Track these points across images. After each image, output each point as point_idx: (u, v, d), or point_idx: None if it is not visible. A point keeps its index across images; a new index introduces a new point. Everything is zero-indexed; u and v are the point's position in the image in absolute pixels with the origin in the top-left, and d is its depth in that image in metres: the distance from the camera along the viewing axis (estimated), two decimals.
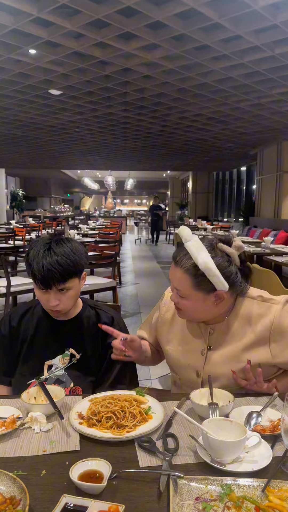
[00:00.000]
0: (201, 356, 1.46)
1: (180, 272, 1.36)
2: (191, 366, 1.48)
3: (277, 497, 0.88)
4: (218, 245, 1.36)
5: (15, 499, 0.87)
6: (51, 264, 1.43)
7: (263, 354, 1.40)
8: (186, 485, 0.92)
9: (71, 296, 1.52)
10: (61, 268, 1.44)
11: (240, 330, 1.43)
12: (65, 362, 1.56)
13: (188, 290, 1.36)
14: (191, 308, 1.39)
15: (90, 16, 4.06)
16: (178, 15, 4.11)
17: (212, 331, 1.46)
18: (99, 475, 0.95)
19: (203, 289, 1.34)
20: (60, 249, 1.47)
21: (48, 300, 1.49)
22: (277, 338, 1.39)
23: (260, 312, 1.42)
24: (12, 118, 8.45)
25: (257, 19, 4.15)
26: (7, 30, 4.40)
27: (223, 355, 1.43)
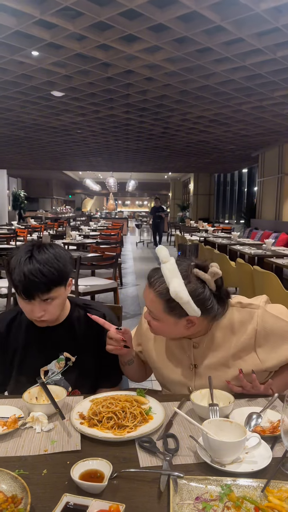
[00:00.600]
0: (190, 371, 1.45)
1: (153, 294, 1.34)
2: (181, 382, 1.47)
3: (277, 498, 0.89)
4: (194, 270, 1.32)
5: (16, 498, 0.88)
6: (33, 273, 1.34)
7: (252, 361, 1.39)
8: (186, 485, 0.93)
9: (56, 305, 1.44)
10: (45, 278, 1.35)
11: (224, 340, 1.41)
12: (60, 367, 1.52)
13: (159, 313, 1.34)
14: (161, 329, 1.39)
15: (93, 18, 4.08)
16: (181, 18, 4.12)
17: (197, 344, 1.43)
18: (100, 474, 0.96)
19: (175, 314, 1.32)
20: (42, 256, 1.37)
21: (32, 310, 1.41)
22: (262, 343, 1.39)
23: (242, 320, 1.41)
24: (15, 119, 8.47)
25: (259, 22, 4.16)
26: (10, 32, 4.42)
27: (211, 368, 1.42)
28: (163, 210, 16.10)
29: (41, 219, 18.73)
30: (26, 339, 1.56)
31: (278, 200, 11.16)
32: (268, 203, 11.92)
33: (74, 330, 1.57)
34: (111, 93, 6.58)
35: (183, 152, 13.03)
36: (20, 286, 1.36)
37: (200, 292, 1.30)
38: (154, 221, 15.82)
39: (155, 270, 1.37)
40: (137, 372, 1.63)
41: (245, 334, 1.39)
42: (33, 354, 1.54)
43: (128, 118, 8.28)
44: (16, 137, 10.56)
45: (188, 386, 1.45)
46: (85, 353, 1.55)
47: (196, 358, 1.44)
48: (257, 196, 13.28)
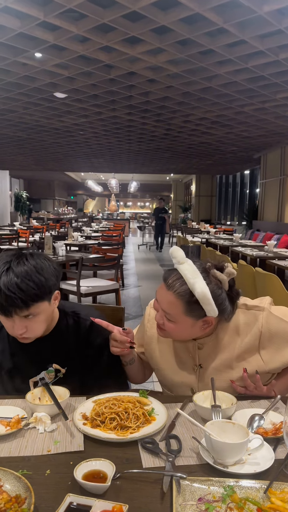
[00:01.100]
0: (193, 373, 1.45)
1: (172, 296, 1.31)
2: (185, 383, 1.47)
3: (279, 499, 0.89)
4: (212, 271, 1.33)
5: (20, 498, 0.89)
6: (9, 288, 1.23)
7: (256, 362, 1.40)
8: (189, 486, 0.94)
9: (39, 322, 1.34)
10: (22, 293, 1.24)
11: (229, 341, 1.42)
12: (50, 378, 1.41)
13: (178, 315, 1.32)
14: (176, 331, 1.37)
15: (96, 21, 4.09)
16: (183, 20, 4.13)
17: (202, 346, 1.44)
18: (103, 475, 0.96)
19: (194, 315, 1.32)
20: (21, 269, 1.26)
21: (12, 327, 1.31)
22: (266, 344, 1.40)
23: (247, 321, 1.42)
24: (17, 120, 8.49)
25: (262, 24, 4.17)
26: (13, 34, 4.44)
27: (216, 369, 1.42)
28: (166, 212, 15.62)
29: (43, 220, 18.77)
30: (11, 352, 1.49)
31: (280, 201, 11.16)
32: (270, 205, 11.92)
33: (63, 340, 1.50)
34: (114, 95, 6.59)
35: (185, 154, 13.04)
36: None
37: (218, 293, 1.31)
38: (156, 222, 15.27)
39: (172, 271, 1.35)
40: (137, 372, 1.62)
41: (250, 336, 1.40)
42: (20, 366, 1.49)
43: (131, 120, 8.29)
44: (18, 138, 10.58)
45: (192, 387, 1.45)
46: (75, 365, 1.48)
47: (200, 359, 1.44)
48: (259, 197, 13.28)
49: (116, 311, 1.93)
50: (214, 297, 1.29)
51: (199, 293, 1.27)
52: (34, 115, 8.04)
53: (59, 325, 1.50)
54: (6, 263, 1.28)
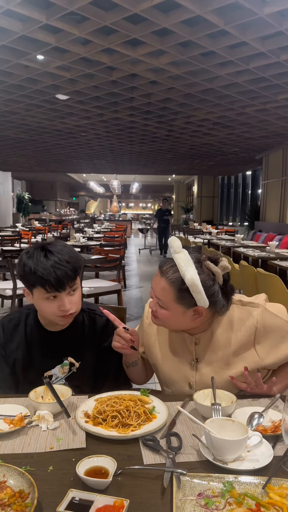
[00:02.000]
0: (191, 368, 1.47)
1: (164, 283, 1.35)
2: (182, 378, 1.48)
3: (277, 494, 0.91)
4: (205, 262, 1.36)
5: (24, 493, 0.90)
6: (59, 263, 1.38)
7: (251, 358, 1.42)
8: (189, 481, 0.95)
9: (79, 296, 1.48)
10: (69, 264, 1.40)
11: (224, 336, 1.44)
12: (64, 372, 1.52)
13: (169, 302, 1.36)
14: (168, 318, 1.39)
15: (97, 23, 4.12)
16: (185, 22, 4.15)
17: (198, 341, 1.46)
18: (105, 471, 0.98)
19: (185, 303, 1.34)
20: (57, 248, 1.42)
21: (60, 305, 1.42)
22: (261, 340, 1.42)
23: (241, 317, 1.44)
24: (20, 122, 8.53)
25: (263, 26, 4.19)
26: (16, 37, 4.47)
27: (213, 364, 1.44)
28: (170, 214, 14.22)
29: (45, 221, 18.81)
30: (28, 348, 1.55)
31: (282, 202, 11.16)
32: (272, 206, 11.92)
33: (78, 335, 1.57)
34: (116, 97, 6.62)
35: (187, 155, 13.06)
36: (51, 279, 1.37)
37: (210, 284, 1.33)
38: (159, 225, 13.88)
39: (167, 259, 1.39)
40: (139, 374, 1.64)
41: (245, 331, 1.42)
42: (36, 361, 1.55)
43: (132, 121, 8.32)
44: (21, 140, 10.62)
45: (189, 381, 1.47)
46: (89, 359, 1.56)
47: (197, 353, 1.46)
48: (261, 198, 13.28)
49: (118, 312, 1.95)
50: (205, 287, 1.31)
51: (188, 280, 1.29)
52: (36, 117, 8.08)
53: (75, 320, 1.55)
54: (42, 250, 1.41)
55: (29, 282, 1.42)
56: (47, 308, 1.44)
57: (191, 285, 1.30)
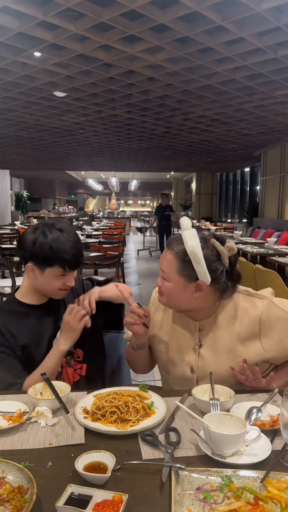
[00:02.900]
0: (194, 353, 1.49)
1: (170, 254, 1.41)
2: (185, 362, 1.50)
3: (276, 488, 0.91)
4: (211, 240, 1.40)
5: (23, 488, 0.91)
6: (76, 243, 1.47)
7: (255, 350, 1.43)
8: (188, 476, 0.96)
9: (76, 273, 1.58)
10: (80, 245, 1.49)
11: (228, 324, 1.45)
12: None
13: (172, 273, 1.40)
14: (171, 292, 1.42)
15: (94, 19, 4.10)
16: (182, 18, 4.14)
17: (202, 327, 1.48)
18: (104, 466, 0.98)
19: (187, 275, 1.38)
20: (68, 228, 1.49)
21: (66, 281, 1.50)
22: (267, 333, 1.42)
23: (246, 306, 1.45)
24: (17, 119, 8.50)
25: (260, 22, 4.18)
26: (12, 34, 4.45)
27: (215, 350, 1.46)
28: (171, 210, 12.93)
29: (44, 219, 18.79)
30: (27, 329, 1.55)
31: (280, 199, 11.17)
32: (270, 202, 11.93)
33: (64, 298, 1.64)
34: (113, 93, 6.60)
35: (185, 152, 13.04)
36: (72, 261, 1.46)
37: (213, 260, 1.37)
38: (160, 223, 12.58)
39: (176, 236, 1.45)
40: (145, 360, 1.65)
41: (249, 321, 1.43)
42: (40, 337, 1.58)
43: (130, 118, 8.30)
44: (18, 137, 10.60)
45: (192, 366, 1.48)
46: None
47: (201, 339, 1.48)
48: (259, 195, 13.29)
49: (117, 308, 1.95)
50: (207, 262, 1.35)
51: (189, 248, 1.34)
52: (34, 115, 8.06)
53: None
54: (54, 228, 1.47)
55: (47, 261, 1.46)
56: (53, 285, 1.50)
57: (191, 253, 1.34)
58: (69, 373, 1.61)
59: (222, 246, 1.39)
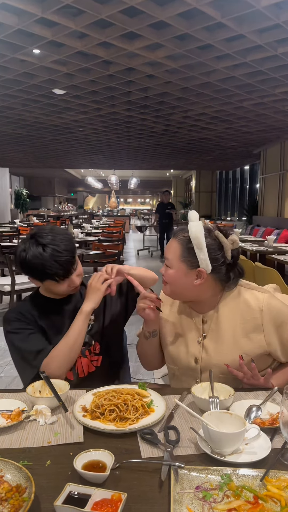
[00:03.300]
0: (198, 345, 1.51)
1: (174, 242, 1.47)
2: (189, 353, 1.52)
3: (275, 486, 0.91)
4: (215, 232, 1.44)
5: (21, 487, 0.90)
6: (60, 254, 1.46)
7: (258, 342, 1.43)
8: (187, 474, 0.95)
9: (80, 266, 1.61)
10: (68, 252, 1.49)
11: (230, 316, 1.47)
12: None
13: (175, 259, 1.44)
14: (173, 278, 1.46)
15: (94, 16, 4.09)
16: (181, 15, 4.12)
17: (205, 319, 1.51)
18: (102, 465, 0.98)
19: (188, 261, 1.42)
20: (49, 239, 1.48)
21: (70, 284, 1.54)
22: (269, 326, 1.43)
23: (248, 299, 1.47)
24: (17, 117, 8.48)
25: (260, 19, 4.16)
26: (11, 31, 4.43)
27: (219, 342, 1.47)
28: (173, 207, 12.21)
29: (43, 217, 18.78)
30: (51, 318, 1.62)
31: (280, 197, 11.16)
32: (270, 200, 11.92)
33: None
34: (113, 91, 6.59)
35: (185, 150, 13.02)
36: (59, 272, 1.48)
37: (215, 249, 1.41)
38: (161, 221, 11.82)
39: (182, 227, 1.50)
40: (157, 351, 1.67)
41: (251, 313, 1.44)
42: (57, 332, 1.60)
43: (130, 116, 8.28)
44: (18, 135, 10.58)
45: (196, 357, 1.50)
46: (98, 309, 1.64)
47: (204, 332, 1.51)
48: (259, 193, 13.27)
49: None
50: (209, 250, 1.39)
51: (192, 233, 1.39)
52: (33, 112, 8.04)
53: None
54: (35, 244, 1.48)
55: (38, 277, 1.52)
56: (58, 290, 1.55)
57: (194, 238, 1.39)
58: (83, 363, 1.63)
59: (225, 238, 1.43)
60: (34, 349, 1.50)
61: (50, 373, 1.40)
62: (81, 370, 1.63)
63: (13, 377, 3.58)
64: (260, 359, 1.45)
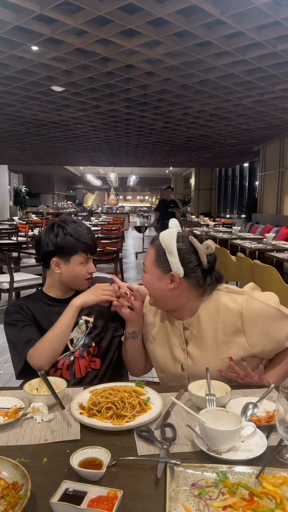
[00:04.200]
0: (182, 351, 1.51)
1: (150, 247, 1.51)
2: (175, 360, 1.52)
3: (271, 484, 0.91)
4: (189, 237, 1.46)
5: (17, 485, 0.90)
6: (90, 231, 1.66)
7: (241, 345, 1.43)
8: (183, 472, 0.95)
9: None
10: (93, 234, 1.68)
11: (210, 321, 1.47)
12: (83, 331, 1.66)
13: (149, 264, 1.48)
14: (149, 283, 1.49)
15: (92, 13, 4.07)
16: (180, 12, 4.11)
17: (187, 326, 1.50)
18: (99, 462, 0.98)
19: (161, 265, 1.44)
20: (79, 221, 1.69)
21: (89, 268, 1.66)
22: (249, 328, 1.42)
23: (227, 302, 1.46)
24: (15, 114, 8.46)
25: (259, 16, 4.15)
26: (10, 27, 4.42)
27: (201, 347, 1.47)
28: (176, 205, 11.06)
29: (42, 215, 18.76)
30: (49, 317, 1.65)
31: (279, 194, 11.15)
32: (269, 197, 11.91)
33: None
34: (111, 88, 6.57)
35: (184, 147, 13.01)
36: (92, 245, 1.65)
37: (187, 253, 1.43)
38: (162, 221, 10.43)
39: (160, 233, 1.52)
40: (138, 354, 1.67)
41: (230, 317, 1.44)
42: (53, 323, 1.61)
43: (129, 113, 8.27)
44: (17, 132, 10.56)
45: (181, 364, 1.51)
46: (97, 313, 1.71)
47: (186, 337, 1.51)
48: (258, 190, 13.27)
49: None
50: (180, 254, 1.41)
51: (161, 237, 1.45)
52: (32, 109, 8.02)
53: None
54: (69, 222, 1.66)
55: (71, 249, 1.62)
56: (80, 272, 1.65)
57: (163, 241, 1.43)
58: (81, 364, 1.63)
59: (198, 242, 1.44)
60: (24, 339, 1.55)
61: (33, 363, 1.47)
62: (78, 371, 1.63)
63: (11, 374, 3.58)
64: (247, 360, 1.44)
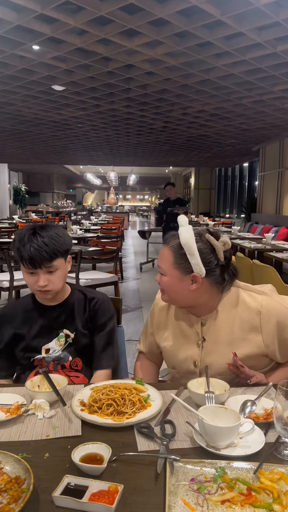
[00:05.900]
0: (197, 348, 1.52)
1: (166, 249, 1.47)
2: (189, 357, 1.53)
3: (268, 479, 0.93)
4: (206, 235, 1.44)
5: (20, 479, 0.92)
6: (38, 244, 1.51)
7: (256, 343, 1.45)
8: (182, 467, 0.97)
9: (59, 276, 1.59)
10: (48, 248, 1.52)
11: (229, 317, 1.48)
12: (61, 344, 1.64)
13: (168, 267, 1.45)
14: (169, 285, 1.46)
15: (93, 13, 4.08)
16: (181, 12, 4.12)
17: (204, 322, 1.51)
18: (100, 457, 1.00)
19: (182, 267, 1.42)
20: (45, 232, 1.54)
21: (37, 281, 1.55)
22: (266, 327, 1.44)
23: (246, 300, 1.48)
24: (16, 113, 8.47)
25: (260, 17, 4.16)
26: (11, 27, 4.42)
27: (218, 343, 1.48)
28: (182, 204, 9.22)
29: (42, 213, 18.77)
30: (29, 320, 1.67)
31: (278, 194, 11.17)
32: (268, 197, 11.93)
33: (73, 309, 1.69)
34: (112, 88, 6.58)
35: (184, 147, 13.01)
36: (26, 256, 1.52)
37: (207, 252, 1.41)
38: (167, 225, 8.84)
39: (172, 233, 1.49)
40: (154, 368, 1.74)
41: (249, 314, 1.45)
42: (34, 336, 1.65)
43: (129, 112, 8.28)
44: (17, 131, 10.56)
45: (195, 360, 1.51)
46: (82, 332, 1.67)
47: (204, 334, 1.51)
48: (257, 190, 13.28)
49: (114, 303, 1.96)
50: (201, 254, 1.40)
51: (182, 239, 1.39)
52: (33, 108, 8.02)
53: (69, 297, 1.71)
54: (31, 229, 1.55)
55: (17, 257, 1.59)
56: (28, 280, 1.60)
57: (185, 244, 1.39)
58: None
59: (216, 240, 1.42)
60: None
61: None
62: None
63: None
64: (257, 358, 1.46)
